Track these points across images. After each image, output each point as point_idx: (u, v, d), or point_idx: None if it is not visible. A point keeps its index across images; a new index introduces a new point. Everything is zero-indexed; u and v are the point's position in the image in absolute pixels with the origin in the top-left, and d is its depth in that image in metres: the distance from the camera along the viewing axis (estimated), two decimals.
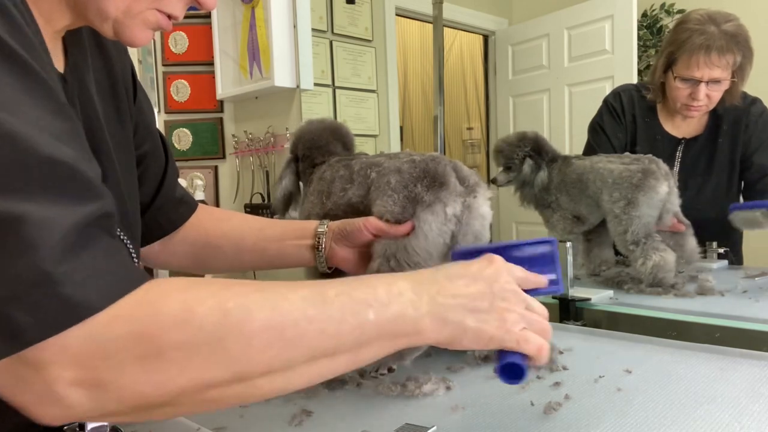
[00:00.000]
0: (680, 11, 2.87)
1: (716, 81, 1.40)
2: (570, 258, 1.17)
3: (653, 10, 2.93)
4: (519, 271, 0.57)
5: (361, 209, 0.89)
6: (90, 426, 0.55)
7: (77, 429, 0.55)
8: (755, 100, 1.54)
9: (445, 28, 2.16)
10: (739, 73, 1.41)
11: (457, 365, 0.83)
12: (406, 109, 3.90)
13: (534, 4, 2.93)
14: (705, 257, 1.54)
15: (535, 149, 1.44)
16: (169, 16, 0.56)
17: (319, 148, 1.05)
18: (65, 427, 0.54)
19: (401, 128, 3.11)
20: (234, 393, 0.40)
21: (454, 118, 3.71)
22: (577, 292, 1.19)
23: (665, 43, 1.50)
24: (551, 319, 0.99)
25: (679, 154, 1.51)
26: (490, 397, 0.72)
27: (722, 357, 0.83)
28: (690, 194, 1.39)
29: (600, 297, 1.20)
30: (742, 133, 1.49)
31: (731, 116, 1.49)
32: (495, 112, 3.04)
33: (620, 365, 0.80)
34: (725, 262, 1.51)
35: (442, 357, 0.89)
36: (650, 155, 1.27)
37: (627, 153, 1.32)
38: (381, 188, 0.84)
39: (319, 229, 0.87)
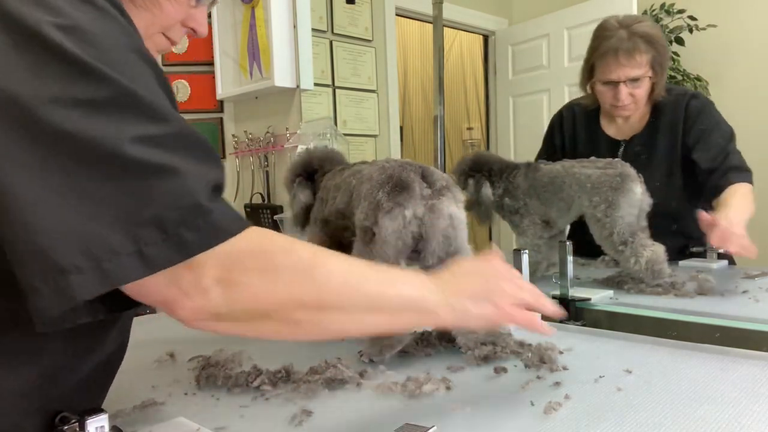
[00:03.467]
0: (680, 11, 2.87)
1: (634, 80, 1.46)
2: (570, 258, 1.18)
3: (653, 10, 2.92)
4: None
5: (347, 214, 0.97)
6: (90, 425, 0.55)
7: (77, 429, 0.55)
8: (696, 95, 1.56)
9: (445, 28, 2.16)
10: (657, 69, 1.47)
11: (457, 365, 0.84)
12: (406, 109, 3.89)
13: (534, 4, 2.94)
14: (705, 257, 1.54)
15: (474, 168, 1.46)
16: (172, 42, 0.70)
17: (330, 159, 1.16)
18: (66, 427, 0.55)
19: (401, 128, 3.11)
20: (312, 319, 0.53)
21: (454, 118, 3.71)
22: (577, 292, 1.20)
23: (586, 53, 1.56)
24: (552, 320, 0.99)
25: (619, 155, 1.55)
26: (490, 397, 0.72)
27: (722, 357, 0.83)
28: None
29: (600, 297, 1.20)
30: (680, 128, 1.51)
31: (670, 112, 1.53)
32: (495, 112, 3.04)
33: (620, 365, 0.80)
34: (725, 262, 1.51)
35: (442, 357, 0.89)
36: (618, 159, 1.31)
37: (593, 158, 1.35)
38: (359, 195, 0.91)
39: None
